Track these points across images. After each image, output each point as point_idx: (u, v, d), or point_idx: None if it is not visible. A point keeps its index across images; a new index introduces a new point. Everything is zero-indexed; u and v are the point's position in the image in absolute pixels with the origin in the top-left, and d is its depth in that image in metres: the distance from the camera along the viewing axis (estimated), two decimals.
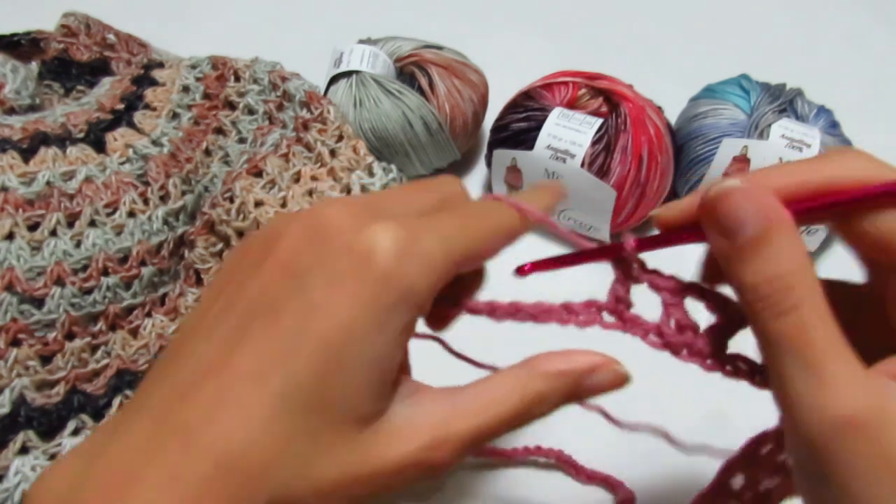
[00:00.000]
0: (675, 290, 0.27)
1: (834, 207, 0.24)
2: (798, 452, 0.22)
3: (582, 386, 0.26)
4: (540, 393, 0.25)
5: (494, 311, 0.27)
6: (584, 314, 0.27)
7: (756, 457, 0.30)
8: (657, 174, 0.53)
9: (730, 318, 0.26)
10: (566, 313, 0.27)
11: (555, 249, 0.57)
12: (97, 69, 0.61)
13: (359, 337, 0.23)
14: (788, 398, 0.22)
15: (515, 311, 0.27)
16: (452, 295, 0.28)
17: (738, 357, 0.27)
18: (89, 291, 0.47)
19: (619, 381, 0.26)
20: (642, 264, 0.27)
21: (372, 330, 0.23)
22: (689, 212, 0.26)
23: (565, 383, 0.25)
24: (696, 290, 0.27)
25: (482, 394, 0.25)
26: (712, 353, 0.26)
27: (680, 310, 0.27)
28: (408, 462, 0.24)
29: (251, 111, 0.59)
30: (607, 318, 0.28)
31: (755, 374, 0.26)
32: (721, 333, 0.27)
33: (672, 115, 0.59)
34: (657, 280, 0.27)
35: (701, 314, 0.28)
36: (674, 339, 0.26)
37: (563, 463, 0.45)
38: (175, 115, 0.56)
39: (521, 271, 0.29)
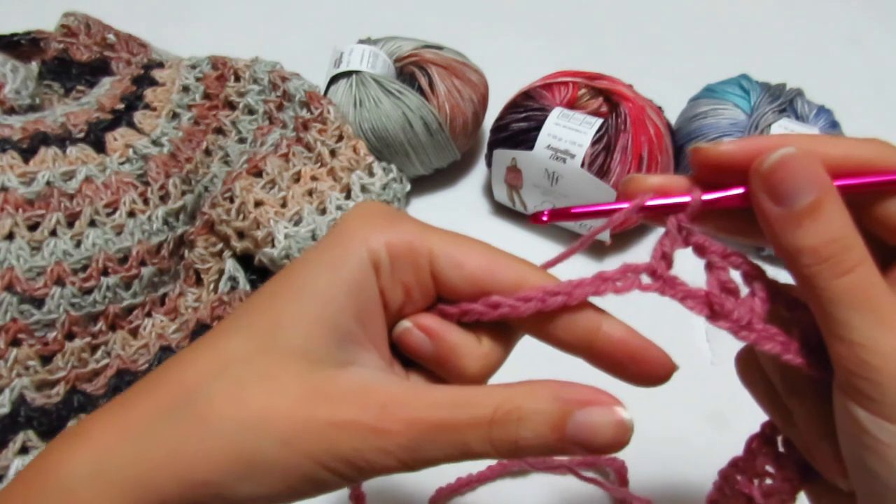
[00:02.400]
0: (723, 253, 0.26)
1: (868, 188, 0.24)
2: (868, 403, 0.23)
3: (570, 421, 0.22)
4: (520, 408, 0.22)
5: (523, 302, 0.25)
6: (622, 280, 0.26)
7: (757, 454, 0.30)
8: (657, 174, 0.53)
9: (767, 291, 0.26)
10: (601, 282, 0.25)
11: (570, 258, 0.57)
12: (97, 69, 0.61)
13: (311, 268, 0.25)
14: (860, 349, 0.23)
15: (546, 298, 0.25)
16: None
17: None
18: (89, 291, 0.47)
19: (618, 426, 0.22)
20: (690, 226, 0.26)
21: (322, 266, 0.25)
22: (731, 157, 0.25)
23: (550, 409, 0.23)
24: (739, 258, 0.26)
25: (457, 391, 0.24)
26: (765, 317, 0.25)
27: (726, 273, 0.26)
28: (352, 419, 0.23)
29: (251, 111, 0.59)
30: (645, 282, 0.26)
31: (789, 345, 0.25)
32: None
33: (672, 115, 0.59)
34: (707, 241, 0.26)
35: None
36: (721, 301, 0.25)
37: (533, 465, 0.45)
38: (175, 115, 0.56)
39: (537, 218, 0.27)
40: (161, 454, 0.23)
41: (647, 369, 0.26)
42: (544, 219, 0.27)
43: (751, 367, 0.30)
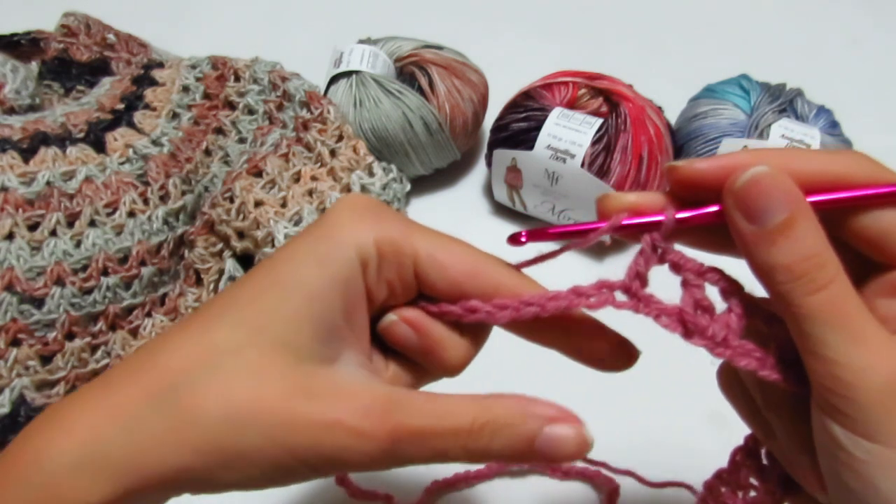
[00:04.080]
0: (698, 271, 0.26)
1: (842, 203, 0.24)
2: (843, 419, 0.23)
3: (537, 434, 0.24)
4: (494, 421, 0.24)
5: (499, 309, 0.26)
6: (596, 295, 0.26)
7: (741, 466, 0.30)
8: (657, 174, 0.53)
9: (743, 307, 0.26)
10: (576, 297, 0.26)
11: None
12: (97, 69, 0.61)
13: (299, 261, 0.25)
14: (834, 366, 0.23)
15: (521, 307, 0.26)
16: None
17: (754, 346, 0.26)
18: (89, 291, 0.47)
19: (580, 441, 0.24)
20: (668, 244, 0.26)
21: (311, 260, 0.25)
22: (707, 175, 0.25)
23: (521, 423, 0.24)
24: (716, 274, 0.27)
25: (437, 400, 0.25)
26: (741, 332, 0.26)
27: (701, 290, 0.26)
28: (337, 419, 0.23)
29: (251, 111, 0.59)
30: (620, 298, 0.26)
31: (766, 361, 0.26)
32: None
33: (672, 115, 0.59)
34: (683, 258, 0.26)
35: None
36: (694, 319, 0.25)
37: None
38: (175, 115, 0.56)
39: (515, 239, 0.27)
40: (149, 441, 0.23)
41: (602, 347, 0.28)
42: (523, 240, 0.27)
43: (732, 381, 0.30)
